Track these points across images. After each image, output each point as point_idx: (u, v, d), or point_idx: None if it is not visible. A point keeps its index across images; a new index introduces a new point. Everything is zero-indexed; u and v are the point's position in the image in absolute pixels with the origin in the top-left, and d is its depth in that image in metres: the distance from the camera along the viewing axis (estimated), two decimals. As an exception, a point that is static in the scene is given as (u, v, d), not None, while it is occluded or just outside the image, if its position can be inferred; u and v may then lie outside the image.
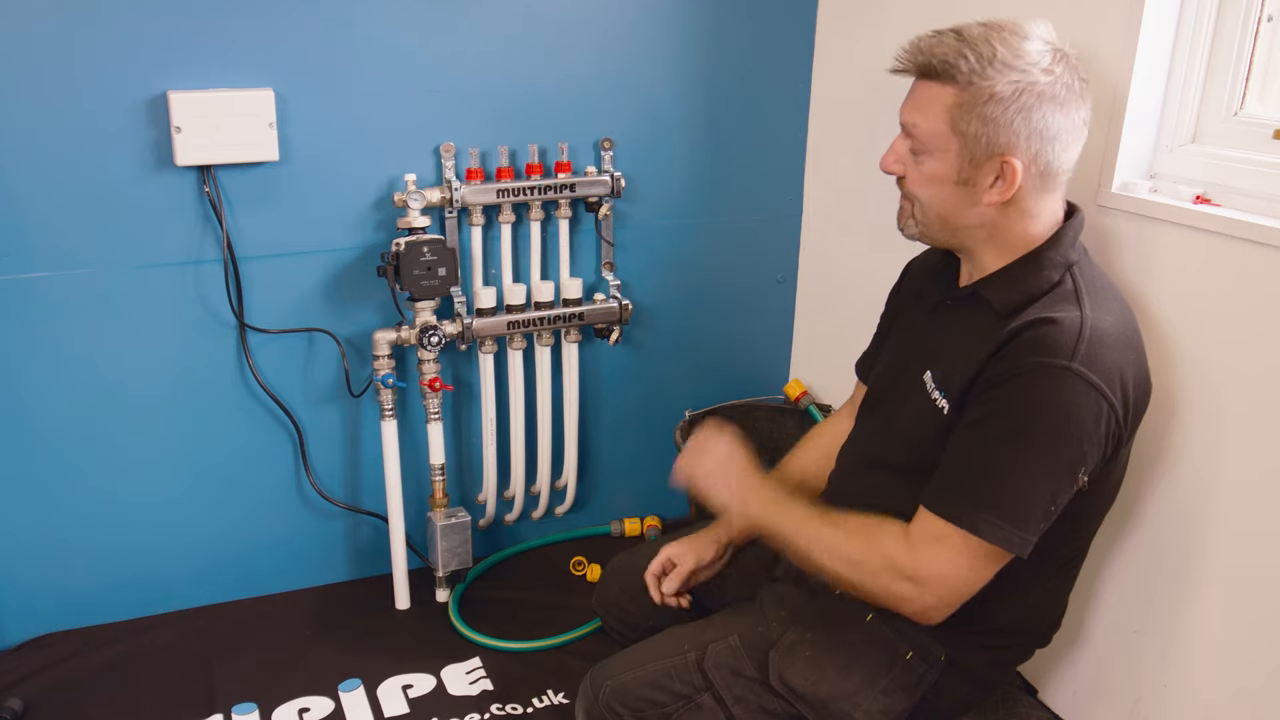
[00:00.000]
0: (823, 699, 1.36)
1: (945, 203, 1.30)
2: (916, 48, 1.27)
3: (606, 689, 1.42)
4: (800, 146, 2.26)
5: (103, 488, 1.92)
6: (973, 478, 1.23)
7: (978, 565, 1.24)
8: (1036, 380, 1.19)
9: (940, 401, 1.31)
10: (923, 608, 1.26)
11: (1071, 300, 1.24)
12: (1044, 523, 1.22)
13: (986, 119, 1.22)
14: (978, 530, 1.21)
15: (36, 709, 1.77)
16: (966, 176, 1.26)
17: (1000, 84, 1.21)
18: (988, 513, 1.20)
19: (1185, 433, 1.45)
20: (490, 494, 2.21)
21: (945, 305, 1.40)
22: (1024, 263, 1.30)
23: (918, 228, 1.35)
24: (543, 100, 2.00)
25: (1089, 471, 1.22)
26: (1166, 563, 1.50)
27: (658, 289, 2.23)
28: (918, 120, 1.28)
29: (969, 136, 1.24)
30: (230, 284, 1.87)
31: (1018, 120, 1.22)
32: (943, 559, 1.24)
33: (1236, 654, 1.41)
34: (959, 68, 1.22)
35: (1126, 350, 1.24)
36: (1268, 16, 1.39)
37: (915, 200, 1.32)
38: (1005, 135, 1.22)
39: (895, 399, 1.42)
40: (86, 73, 1.69)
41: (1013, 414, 1.21)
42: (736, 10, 2.09)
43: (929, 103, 1.26)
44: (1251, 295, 1.33)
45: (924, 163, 1.29)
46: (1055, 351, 1.19)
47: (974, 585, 1.26)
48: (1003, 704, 1.68)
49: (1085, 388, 1.18)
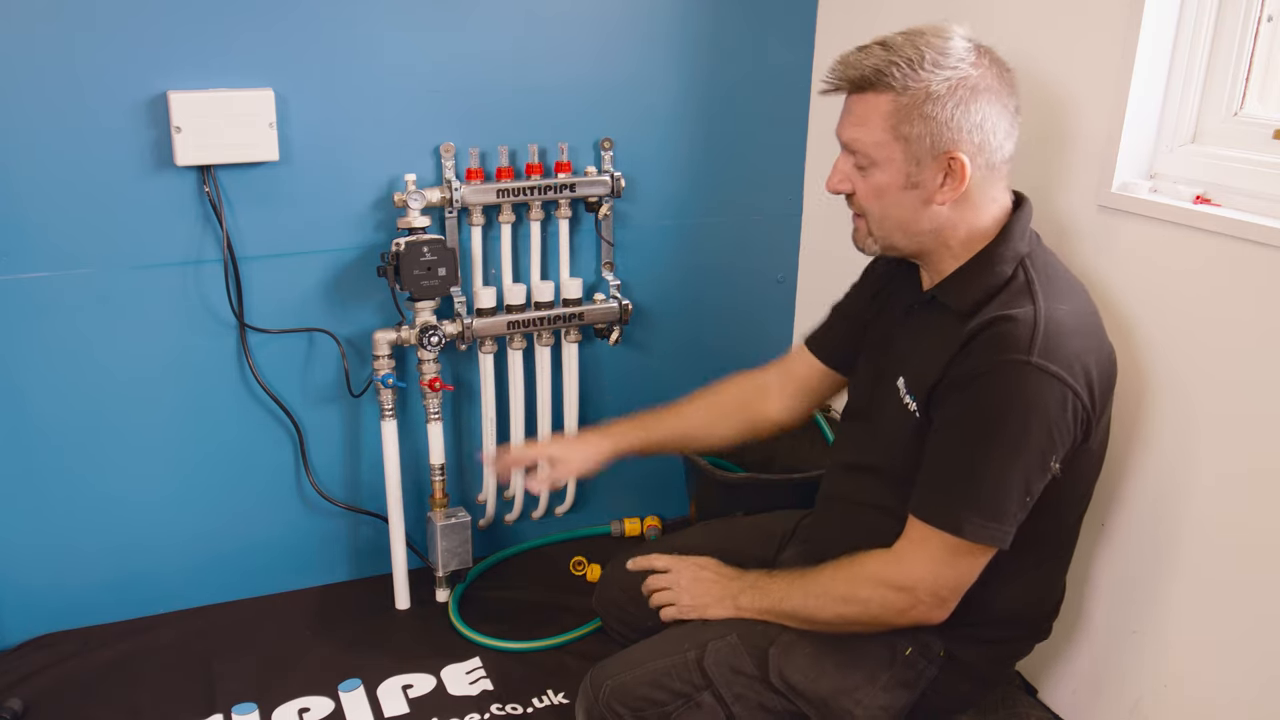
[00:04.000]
0: (823, 696, 1.36)
1: (898, 210, 1.31)
2: (845, 63, 1.29)
3: (606, 689, 1.42)
4: (800, 146, 2.26)
5: (103, 487, 1.92)
6: (948, 479, 1.27)
7: (962, 562, 1.28)
8: (999, 378, 1.22)
9: (911, 405, 1.34)
10: (924, 612, 1.30)
11: (1025, 294, 1.26)
12: (1021, 513, 1.25)
13: (927, 118, 1.24)
14: (959, 530, 1.24)
15: (36, 709, 1.76)
16: (915, 180, 1.28)
17: (935, 83, 1.24)
18: (967, 512, 1.24)
19: (1185, 434, 1.45)
20: (490, 494, 2.21)
21: (913, 310, 1.42)
22: (977, 262, 1.32)
23: (877, 243, 1.36)
24: (543, 100, 2.00)
25: (1060, 459, 1.25)
26: (1165, 562, 1.50)
27: (658, 289, 2.23)
28: (858, 135, 1.29)
29: (912, 139, 1.26)
30: (230, 284, 1.87)
31: (958, 115, 1.24)
32: (927, 561, 1.28)
33: (1236, 653, 1.41)
34: (892, 74, 1.24)
35: (1086, 337, 1.26)
36: (1268, 16, 1.39)
37: (868, 215, 1.34)
38: (948, 132, 1.25)
39: (875, 407, 1.44)
40: (87, 73, 1.69)
41: (980, 413, 1.24)
42: (736, 10, 2.09)
43: (867, 114, 1.28)
44: (1251, 295, 1.33)
45: (870, 175, 1.30)
46: (1014, 348, 1.21)
47: (963, 580, 1.29)
48: (1002, 703, 1.69)
49: (1048, 379, 1.20)
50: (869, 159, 1.29)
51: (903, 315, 1.44)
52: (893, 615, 1.31)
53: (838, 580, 1.35)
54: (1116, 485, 1.55)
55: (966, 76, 1.24)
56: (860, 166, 1.31)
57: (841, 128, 1.32)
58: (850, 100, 1.31)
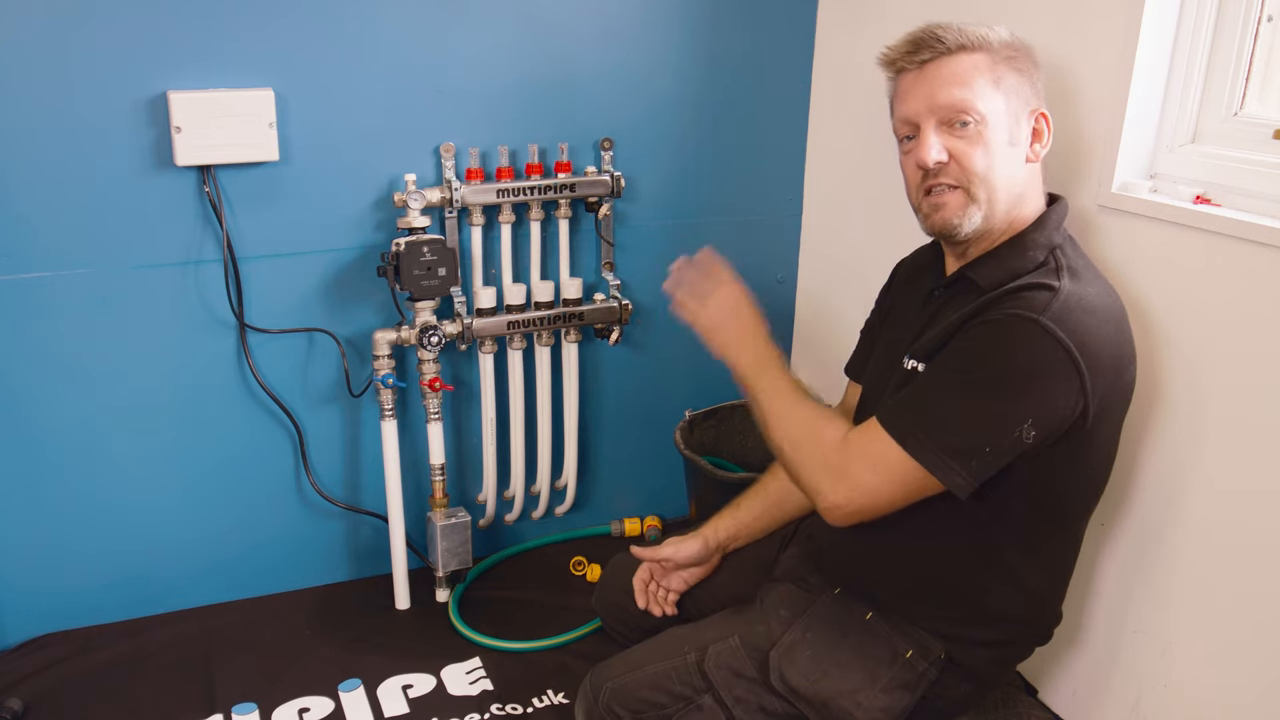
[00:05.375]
0: (823, 698, 1.36)
1: (1005, 167, 1.30)
2: (928, 34, 1.30)
3: (606, 691, 1.42)
4: (800, 146, 2.26)
5: (103, 487, 1.92)
6: (920, 402, 1.26)
7: (897, 482, 1.25)
8: (1003, 326, 1.22)
9: (914, 366, 1.33)
10: (832, 504, 1.28)
11: (1053, 275, 1.27)
12: (977, 462, 1.22)
13: (1019, 71, 1.30)
14: (910, 448, 1.23)
15: (36, 709, 1.77)
16: (1013, 136, 1.30)
17: (1013, 43, 1.30)
18: (925, 435, 1.23)
19: (1186, 434, 1.45)
20: (490, 494, 2.21)
21: (935, 295, 1.41)
22: (1009, 245, 1.32)
23: (980, 209, 1.29)
24: (543, 100, 2.00)
25: (1037, 426, 1.21)
26: (1165, 562, 1.50)
27: (658, 289, 2.21)
28: (962, 94, 1.27)
29: (1009, 91, 1.29)
30: (230, 284, 1.87)
31: (1034, 75, 1.31)
32: (869, 464, 1.26)
33: (1237, 653, 1.41)
34: (972, 37, 1.28)
35: (1105, 321, 1.25)
36: (1268, 17, 1.39)
37: (973, 179, 1.29)
38: (1030, 88, 1.31)
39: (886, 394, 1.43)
40: (87, 73, 1.69)
41: (974, 353, 1.24)
42: (736, 10, 2.09)
43: (965, 73, 1.28)
44: (1251, 295, 1.33)
45: (978, 133, 1.28)
46: (1029, 306, 1.21)
47: (887, 500, 1.27)
48: (1003, 704, 1.68)
49: (1050, 340, 1.19)
50: (977, 114, 1.27)
51: (921, 304, 1.43)
52: (810, 488, 1.30)
53: (799, 424, 1.32)
54: (1117, 484, 1.55)
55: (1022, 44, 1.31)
56: (963, 125, 1.27)
57: (936, 94, 1.28)
58: (933, 66, 1.29)
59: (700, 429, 2.27)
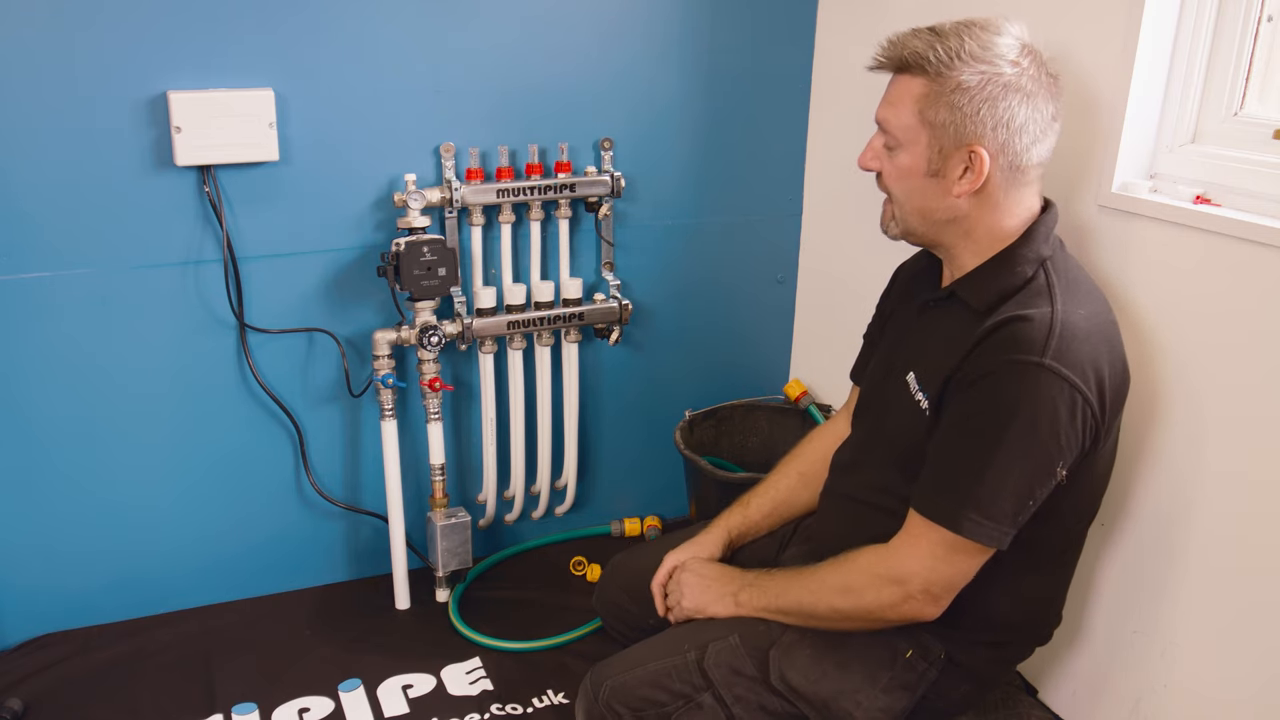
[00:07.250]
0: (823, 698, 1.36)
1: (919, 196, 1.32)
2: (892, 43, 1.31)
3: (606, 689, 1.42)
4: (800, 146, 2.26)
5: (103, 487, 1.92)
6: (951, 476, 1.26)
7: (958, 559, 1.27)
8: (1010, 377, 1.21)
9: (923, 402, 1.33)
10: (917, 607, 1.29)
11: (1044, 296, 1.26)
12: (1022, 516, 1.25)
13: (954, 108, 1.25)
14: (957, 527, 1.24)
15: (36, 709, 1.77)
16: (936, 168, 1.29)
17: (966, 74, 1.25)
18: (966, 509, 1.23)
19: (1188, 434, 1.45)
20: (490, 494, 2.21)
21: (929, 306, 1.42)
22: (998, 260, 1.32)
23: (897, 226, 1.38)
24: (543, 100, 2.00)
25: (1067, 465, 1.24)
26: (1165, 562, 1.50)
27: (658, 289, 2.23)
28: (889, 115, 1.31)
29: (937, 126, 1.27)
30: (230, 284, 1.87)
31: (984, 110, 1.25)
32: (923, 555, 1.27)
33: (1237, 653, 1.41)
34: (929, 59, 1.26)
35: (1100, 343, 1.26)
36: (1268, 17, 1.39)
37: (892, 197, 1.36)
38: (972, 125, 1.25)
39: (884, 402, 1.44)
40: (87, 73, 1.69)
41: (989, 412, 1.23)
42: (736, 10, 2.09)
43: (900, 96, 1.30)
44: (1251, 295, 1.33)
45: (897, 156, 1.32)
46: (1028, 348, 1.21)
47: (958, 578, 1.28)
48: (1003, 704, 1.68)
49: (1059, 383, 1.20)
50: (896, 140, 1.31)
51: (918, 313, 1.44)
52: (885, 608, 1.30)
53: (835, 572, 1.35)
54: (1117, 486, 1.55)
55: (1001, 73, 1.25)
56: (889, 147, 1.33)
57: (879, 106, 1.34)
58: (891, 80, 1.33)
59: (700, 429, 2.27)
